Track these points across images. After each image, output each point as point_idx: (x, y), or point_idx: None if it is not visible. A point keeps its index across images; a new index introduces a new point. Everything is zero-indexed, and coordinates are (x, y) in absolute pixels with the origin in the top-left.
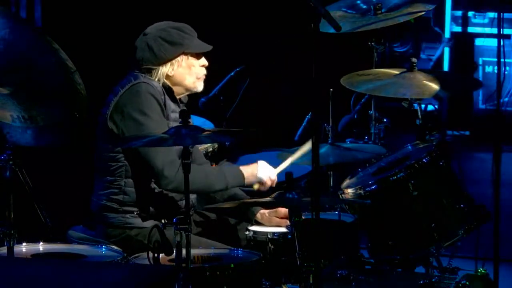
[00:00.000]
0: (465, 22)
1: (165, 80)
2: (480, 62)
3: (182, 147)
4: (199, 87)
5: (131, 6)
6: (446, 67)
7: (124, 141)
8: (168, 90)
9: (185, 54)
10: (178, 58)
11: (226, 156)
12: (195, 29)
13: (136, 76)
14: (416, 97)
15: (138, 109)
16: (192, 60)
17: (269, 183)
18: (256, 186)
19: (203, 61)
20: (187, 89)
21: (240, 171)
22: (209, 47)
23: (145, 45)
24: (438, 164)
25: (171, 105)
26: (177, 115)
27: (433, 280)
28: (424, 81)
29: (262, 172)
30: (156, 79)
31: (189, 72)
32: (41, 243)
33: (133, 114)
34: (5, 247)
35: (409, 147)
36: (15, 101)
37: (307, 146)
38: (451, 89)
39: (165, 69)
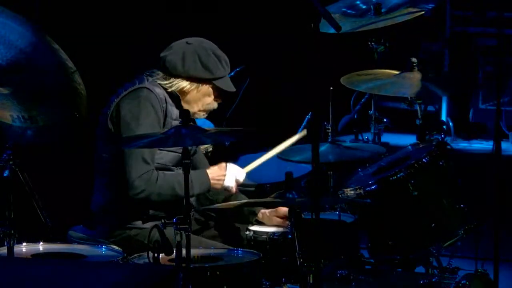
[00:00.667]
0: (465, 22)
1: (177, 91)
2: (480, 62)
3: (172, 154)
4: (201, 116)
5: (131, 6)
6: (446, 67)
7: (121, 141)
8: (175, 98)
9: (210, 83)
10: (201, 83)
11: (226, 156)
12: (195, 28)
13: (141, 80)
14: (416, 97)
15: (132, 114)
16: (211, 91)
17: (234, 190)
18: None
19: (219, 98)
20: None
21: (207, 178)
22: (233, 89)
23: (181, 53)
24: (438, 164)
25: (174, 111)
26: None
27: (433, 280)
28: (424, 81)
29: (229, 180)
30: (168, 85)
31: (202, 99)
32: (41, 243)
33: (126, 118)
34: (5, 247)
35: (409, 147)
36: (15, 101)
37: (281, 146)
38: (451, 89)
39: (184, 84)
